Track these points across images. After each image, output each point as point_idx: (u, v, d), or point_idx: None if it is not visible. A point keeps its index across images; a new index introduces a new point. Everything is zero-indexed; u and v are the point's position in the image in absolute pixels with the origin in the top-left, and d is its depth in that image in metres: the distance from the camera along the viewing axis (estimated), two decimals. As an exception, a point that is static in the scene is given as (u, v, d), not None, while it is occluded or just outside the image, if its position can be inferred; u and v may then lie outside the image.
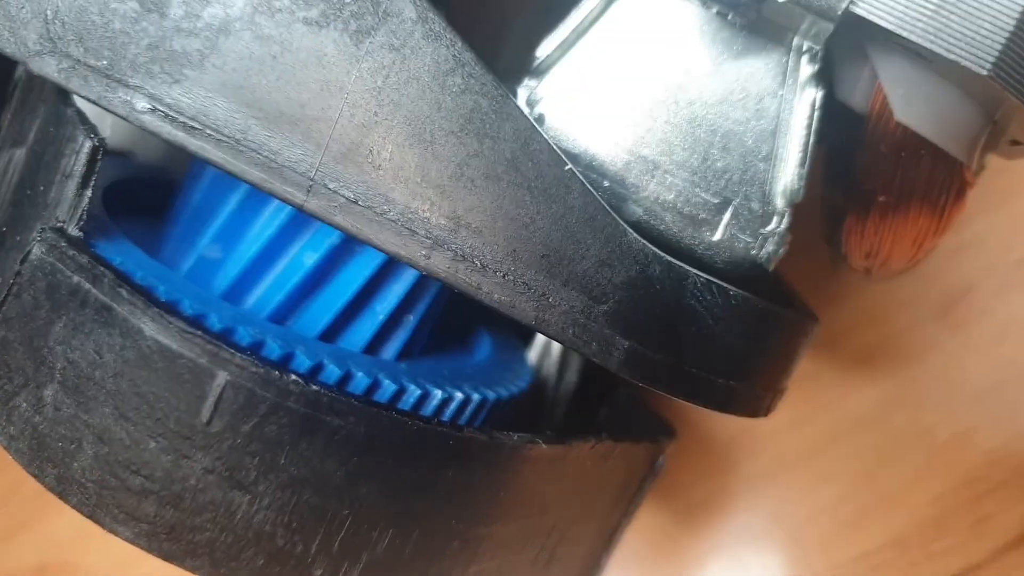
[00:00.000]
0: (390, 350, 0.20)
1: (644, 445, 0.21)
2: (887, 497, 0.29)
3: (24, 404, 0.16)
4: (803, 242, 0.24)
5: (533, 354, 0.23)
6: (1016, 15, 0.15)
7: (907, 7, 0.15)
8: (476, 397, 0.18)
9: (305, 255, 0.19)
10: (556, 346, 0.23)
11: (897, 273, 0.21)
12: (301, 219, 0.18)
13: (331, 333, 0.19)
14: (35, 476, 0.16)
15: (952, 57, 0.15)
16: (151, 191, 0.20)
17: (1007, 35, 0.14)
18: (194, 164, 0.19)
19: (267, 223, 0.19)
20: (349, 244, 0.19)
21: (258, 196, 0.18)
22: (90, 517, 0.16)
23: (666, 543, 0.29)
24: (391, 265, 0.19)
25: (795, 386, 0.27)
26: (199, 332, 0.15)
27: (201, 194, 0.19)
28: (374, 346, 0.20)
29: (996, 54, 0.15)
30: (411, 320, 0.20)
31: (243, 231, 0.19)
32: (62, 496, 0.16)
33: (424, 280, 0.20)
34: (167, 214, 0.19)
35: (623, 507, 0.22)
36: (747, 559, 0.30)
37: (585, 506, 0.20)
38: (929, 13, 0.15)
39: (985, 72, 0.15)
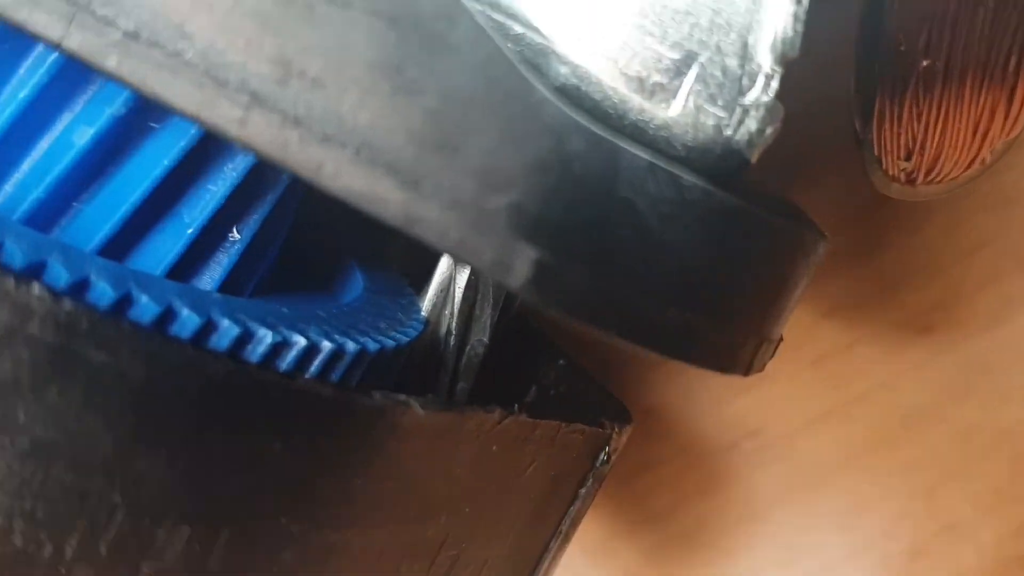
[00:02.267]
0: (207, 283, 0.20)
1: (579, 430, 0.21)
2: (955, 529, 0.30)
3: None
4: (825, 153, 0.24)
5: (426, 302, 0.24)
6: None
7: None
8: (327, 346, 0.18)
9: (76, 132, 0.19)
10: (458, 294, 0.23)
11: (955, 184, 0.22)
12: (69, 76, 0.18)
13: (114, 249, 0.19)
14: None
15: None
16: None
17: None
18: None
19: (18, 85, 0.18)
20: (139, 117, 0.19)
21: (3, 46, 0.18)
22: None
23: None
24: (205, 149, 0.19)
25: (815, 366, 0.28)
26: None
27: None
28: (180, 274, 0.20)
29: None
30: (238, 240, 0.20)
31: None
32: None
33: (256, 175, 0.20)
34: None
35: (551, 523, 0.22)
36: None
37: (493, 514, 0.21)
38: None
39: None
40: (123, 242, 0.19)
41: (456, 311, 0.23)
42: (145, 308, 0.17)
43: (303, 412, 0.17)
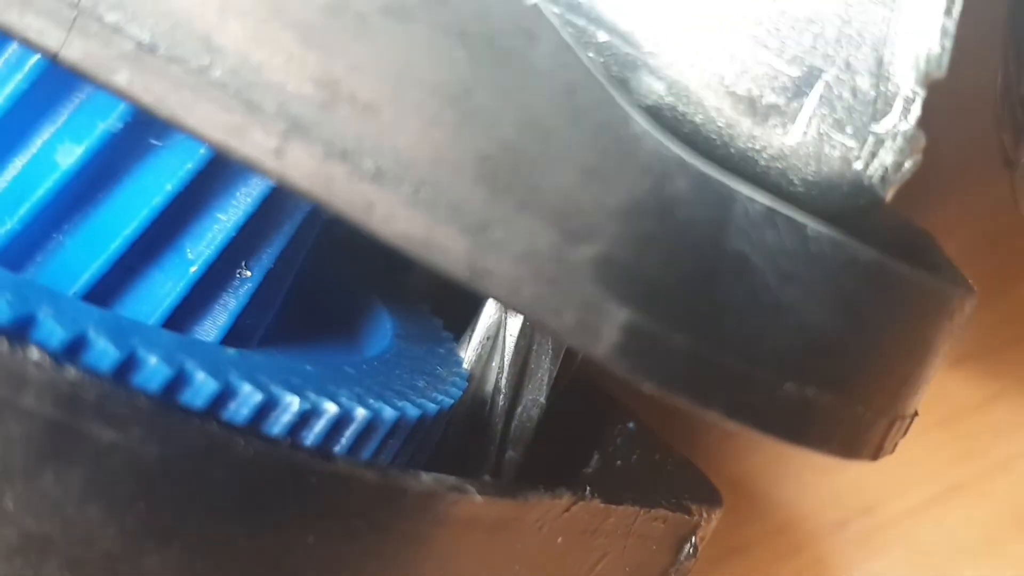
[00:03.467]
0: (212, 330, 0.22)
1: (662, 517, 0.23)
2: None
3: None
4: (962, 168, 0.26)
5: (469, 352, 0.25)
6: None
7: None
8: (361, 413, 0.20)
9: (60, 150, 0.20)
10: (509, 343, 0.25)
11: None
12: (52, 82, 0.20)
13: (103, 292, 0.20)
14: None
15: None
16: None
17: None
18: None
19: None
20: (139, 130, 0.20)
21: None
22: None
23: None
24: (215, 172, 0.21)
25: (943, 427, 0.30)
26: None
27: None
28: (182, 320, 0.21)
29: None
30: (249, 278, 0.22)
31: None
32: None
33: (272, 202, 0.21)
34: None
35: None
36: None
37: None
38: None
39: None
40: (113, 283, 0.21)
41: (507, 364, 0.25)
42: (154, 372, 0.18)
43: (341, 499, 0.18)
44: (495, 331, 0.25)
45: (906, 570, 0.32)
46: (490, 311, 0.25)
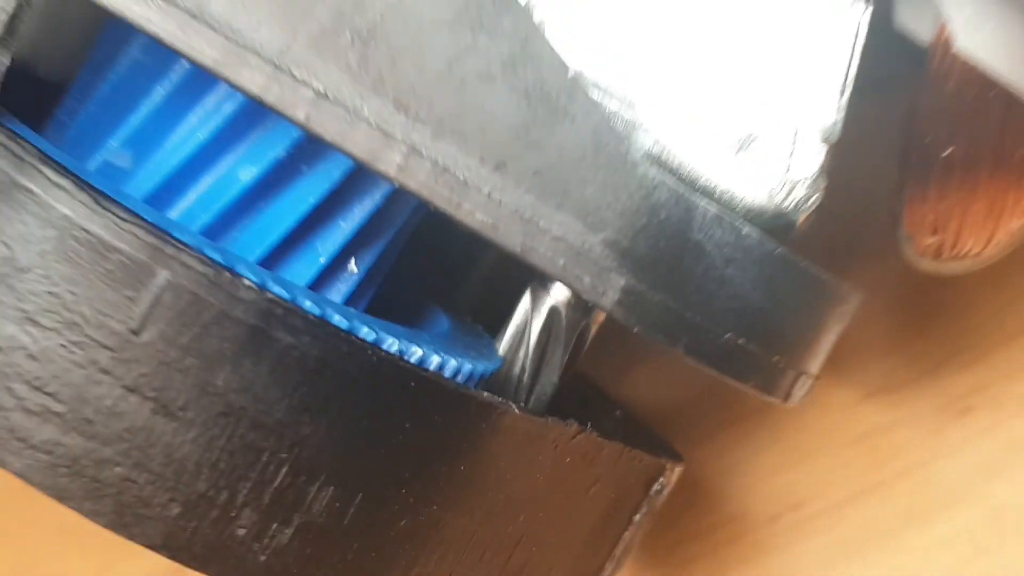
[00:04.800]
0: (327, 305, 0.31)
1: (639, 456, 0.32)
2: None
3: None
4: (876, 239, 0.35)
5: (502, 344, 0.34)
6: None
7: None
8: (435, 359, 0.29)
9: (241, 170, 0.29)
10: (533, 336, 0.34)
11: (978, 260, 0.33)
12: (240, 125, 0.29)
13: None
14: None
15: None
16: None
17: None
18: (101, 46, 0.30)
19: (197, 127, 0.29)
20: (294, 160, 0.29)
21: (186, 93, 0.29)
22: (-28, 445, 0.26)
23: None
24: (340, 194, 0.30)
25: (856, 443, 0.39)
26: (140, 220, 0.25)
27: (110, 86, 0.29)
28: (310, 296, 0.30)
29: None
30: (356, 272, 0.31)
31: (163, 136, 0.29)
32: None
33: (377, 220, 0.30)
34: (60, 113, 0.30)
35: (607, 545, 0.33)
36: None
37: (561, 523, 0.31)
38: None
39: None
40: (268, 265, 0.30)
41: (531, 352, 0.34)
42: (309, 310, 0.27)
43: (429, 399, 0.27)
44: (523, 327, 0.34)
45: (824, 553, 0.40)
46: (520, 312, 0.34)
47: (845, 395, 0.39)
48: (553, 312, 0.32)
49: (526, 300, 0.33)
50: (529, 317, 0.34)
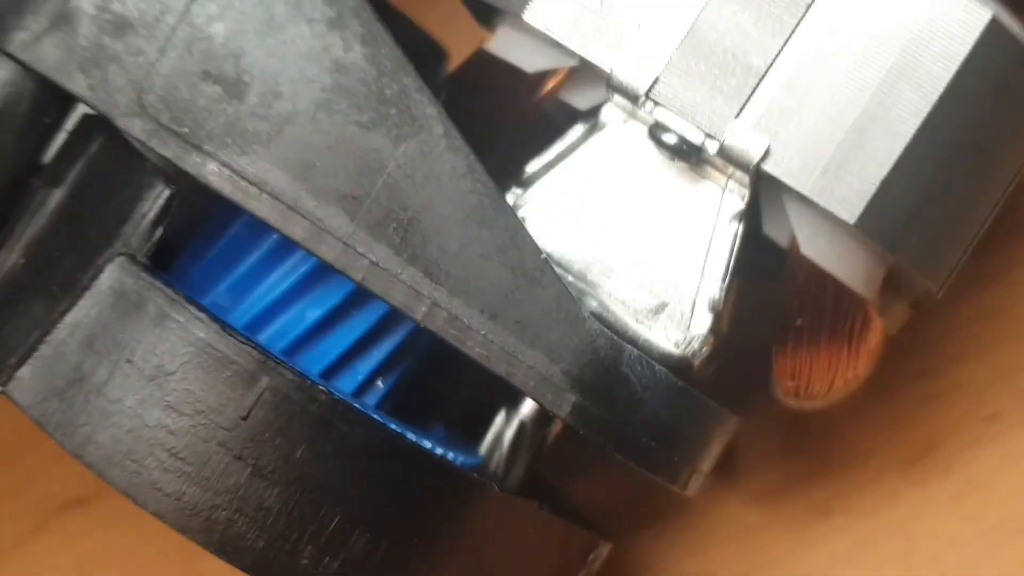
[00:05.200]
0: (358, 412, 0.43)
1: (581, 531, 0.44)
2: None
3: (86, 384, 0.38)
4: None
5: (482, 448, 0.46)
6: (884, 173, 0.39)
7: (801, 164, 0.39)
8: (438, 451, 0.41)
9: (308, 310, 0.42)
10: (506, 443, 0.46)
11: (826, 399, 0.45)
12: (311, 279, 0.42)
13: (317, 383, 0.42)
14: (75, 454, 0.38)
15: (831, 209, 0.39)
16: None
17: (875, 189, 0.39)
18: (216, 219, 0.42)
19: (281, 280, 0.42)
20: (346, 305, 0.42)
21: (274, 256, 0.42)
22: (123, 492, 0.38)
23: None
24: (376, 331, 0.42)
25: (742, 537, 0.52)
26: (251, 344, 0.38)
27: (221, 247, 0.42)
28: (348, 403, 0.43)
29: (863, 207, 0.39)
30: (381, 388, 0.43)
31: (255, 285, 0.42)
32: (102, 474, 0.38)
33: (401, 350, 0.43)
34: (185, 255, 0.42)
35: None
36: None
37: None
38: (819, 170, 0.39)
39: (852, 222, 0.39)
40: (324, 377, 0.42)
41: (504, 453, 0.46)
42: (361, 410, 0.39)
43: (438, 476, 0.39)
44: (498, 437, 0.46)
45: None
46: (494, 427, 0.46)
47: (728, 498, 0.52)
48: (521, 425, 0.45)
49: (500, 416, 0.46)
50: (502, 428, 0.46)
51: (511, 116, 0.44)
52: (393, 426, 0.40)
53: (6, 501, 0.58)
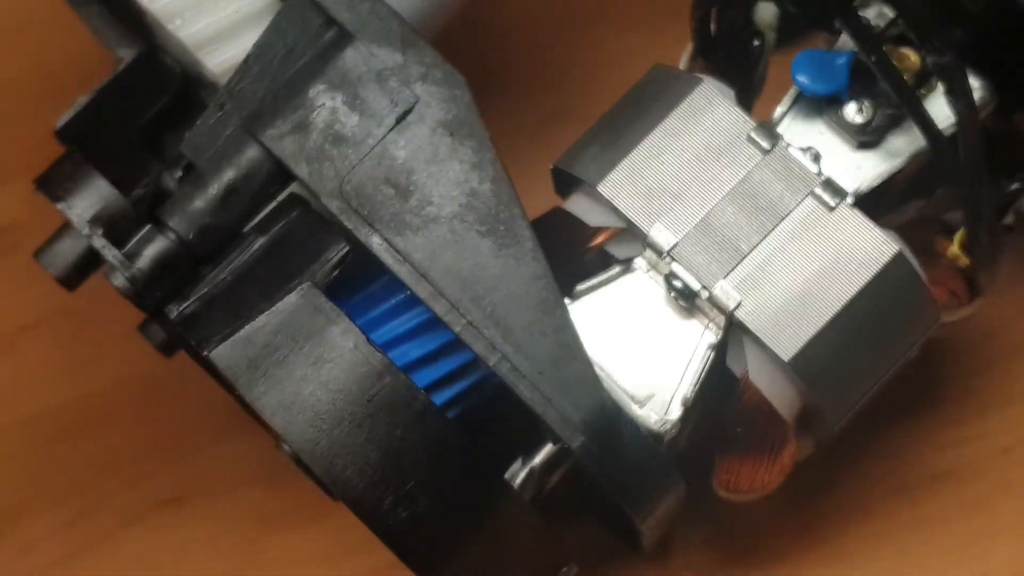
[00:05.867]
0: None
1: (560, 547, 0.63)
2: None
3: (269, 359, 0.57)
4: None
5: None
6: (813, 333, 0.60)
7: (760, 316, 0.60)
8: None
9: (412, 348, 0.61)
10: (518, 479, 0.65)
11: (752, 497, 0.65)
12: (420, 329, 0.61)
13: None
14: (251, 404, 0.57)
15: (774, 349, 0.60)
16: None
17: (805, 342, 0.60)
18: (371, 275, 0.62)
19: (400, 325, 0.61)
20: (440, 352, 0.61)
21: (400, 306, 0.61)
22: (279, 433, 0.57)
23: None
24: (457, 373, 0.62)
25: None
26: (382, 353, 0.57)
27: (368, 293, 0.61)
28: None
29: (795, 352, 0.60)
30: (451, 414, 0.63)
31: (384, 323, 0.61)
32: (268, 419, 0.57)
33: (472, 389, 0.62)
34: (343, 291, 0.62)
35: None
36: None
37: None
38: (771, 322, 0.60)
39: (786, 360, 0.60)
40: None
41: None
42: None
43: (484, 471, 0.59)
44: (514, 474, 0.65)
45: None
46: (514, 466, 0.65)
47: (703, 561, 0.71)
48: (531, 471, 0.64)
49: (518, 463, 0.65)
50: (518, 469, 0.65)
51: (574, 253, 0.64)
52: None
53: (117, 494, 0.77)
